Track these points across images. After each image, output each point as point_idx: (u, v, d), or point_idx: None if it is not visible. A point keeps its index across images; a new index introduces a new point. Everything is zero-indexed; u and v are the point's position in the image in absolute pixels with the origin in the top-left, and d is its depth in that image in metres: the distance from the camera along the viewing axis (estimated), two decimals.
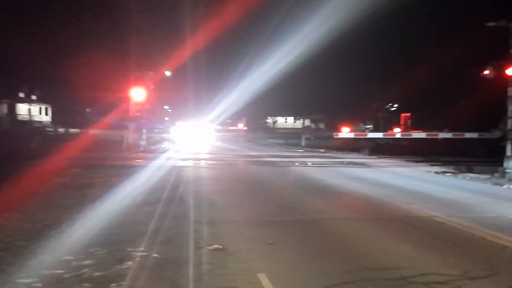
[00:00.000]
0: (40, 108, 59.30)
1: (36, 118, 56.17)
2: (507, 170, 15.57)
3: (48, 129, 47.08)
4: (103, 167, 16.35)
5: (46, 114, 60.48)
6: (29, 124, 48.18)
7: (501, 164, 15.96)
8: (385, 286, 4.85)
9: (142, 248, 6.04)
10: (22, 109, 54.29)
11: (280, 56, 40.82)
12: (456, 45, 31.23)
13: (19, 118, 51.05)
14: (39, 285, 4.73)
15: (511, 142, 16.05)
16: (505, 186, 13.50)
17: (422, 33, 40.81)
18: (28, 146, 23.07)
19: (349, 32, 41.41)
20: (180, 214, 8.31)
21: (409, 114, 44.48)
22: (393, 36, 45.10)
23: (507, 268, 5.53)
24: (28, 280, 4.84)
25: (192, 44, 34.98)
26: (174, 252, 5.93)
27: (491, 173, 16.10)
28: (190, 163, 19.55)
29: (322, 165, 19.85)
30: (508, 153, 15.95)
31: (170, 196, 10.40)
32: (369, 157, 25.53)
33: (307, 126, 70.95)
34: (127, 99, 28.34)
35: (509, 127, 16.03)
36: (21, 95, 53.72)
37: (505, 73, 15.58)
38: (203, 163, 20.00)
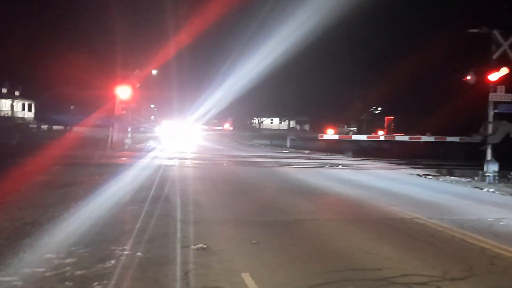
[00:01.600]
0: (23, 104, 58.32)
1: (19, 115, 55.24)
2: (487, 174, 15.88)
3: (31, 125, 46.31)
4: (87, 165, 16.18)
5: (29, 110, 59.51)
6: (12, 120, 47.31)
7: (482, 168, 16.27)
8: (367, 287, 4.93)
9: (125, 247, 6.01)
10: (4, 104, 53.33)
11: (265, 57, 40.96)
12: (439, 50, 31.74)
13: (1, 114, 50.13)
14: (20, 283, 4.68)
15: (491, 147, 16.39)
16: (485, 190, 13.77)
17: (405, 37, 41.34)
18: (9, 143, 22.68)
19: (333, 35, 41.78)
20: (165, 214, 8.29)
21: (392, 117, 45.04)
22: (377, 40, 45.59)
23: (485, 270, 5.66)
24: (8, 278, 4.78)
25: (178, 42, 34.85)
26: (158, 251, 5.92)
27: (472, 176, 16.40)
28: (175, 162, 19.46)
29: (306, 166, 19.96)
30: (488, 157, 16.26)
31: (155, 195, 10.34)
32: (353, 159, 25.75)
33: (292, 127, 71.26)
34: (112, 97, 28.09)
35: (489, 131, 16.36)
36: (4, 90, 52.78)
37: (487, 79, 15.90)
38: (188, 162, 19.93)
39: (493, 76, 15.87)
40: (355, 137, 32.61)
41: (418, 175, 17.43)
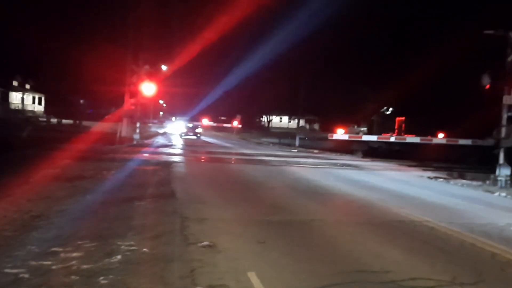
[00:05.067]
0: (34, 97, 58.86)
1: (29, 108, 55.77)
2: (499, 178, 15.66)
3: (40, 119, 46.74)
4: (95, 159, 16.25)
5: (40, 103, 60.06)
6: (22, 113, 47.76)
7: (493, 172, 16.06)
8: None
9: (131, 243, 5.99)
10: (15, 97, 53.85)
11: (276, 55, 40.92)
12: (453, 52, 31.37)
13: (12, 107, 50.63)
14: (26, 275, 4.68)
15: (504, 150, 16.16)
16: (496, 194, 13.57)
17: (418, 38, 40.95)
18: (19, 136, 22.87)
19: (345, 34, 41.57)
20: (171, 210, 8.27)
21: (403, 118, 44.61)
22: (390, 40, 45.22)
23: (495, 276, 5.55)
24: (15, 271, 4.78)
25: (188, 40, 34.92)
26: (164, 248, 5.89)
27: (483, 180, 16.20)
28: (183, 158, 19.50)
29: (315, 166, 19.86)
30: (501, 161, 16.06)
31: (162, 191, 10.34)
32: (362, 159, 25.60)
33: (302, 126, 71.09)
34: (122, 92, 28.21)
35: (502, 135, 16.14)
36: (15, 83, 53.28)
37: (501, 82, 15.67)
38: (196, 159, 19.94)
39: (507, 79, 15.62)
40: (365, 137, 32.39)
41: (428, 177, 17.26)
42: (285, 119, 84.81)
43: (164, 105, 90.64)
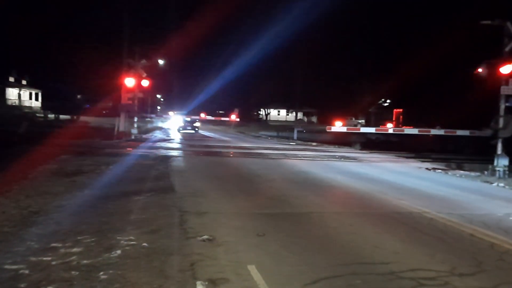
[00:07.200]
0: (30, 93, 58.65)
1: (26, 104, 55.56)
2: (497, 168, 15.71)
3: (38, 114, 46.54)
4: (93, 154, 16.22)
5: (36, 99, 59.84)
6: (19, 109, 47.56)
7: (491, 162, 16.10)
8: (374, 281, 4.86)
9: (131, 237, 5.99)
10: (11, 93, 53.63)
11: (272, 47, 40.77)
12: (450, 43, 31.29)
13: (9, 103, 50.42)
14: (26, 271, 4.67)
15: (502, 141, 16.19)
16: (495, 184, 13.60)
17: (415, 29, 40.80)
18: (17, 132, 22.79)
19: (341, 27, 41.41)
20: (170, 204, 8.27)
21: (401, 110, 44.65)
22: (386, 32, 45.08)
23: (494, 266, 5.57)
24: (15, 267, 4.78)
25: (185, 34, 34.76)
26: (164, 242, 5.89)
27: (481, 170, 16.23)
28: (181, 153, 19.47)
29: (313, 158, 19.86)
30: (499, 151, 16.09)
31: (161, 185, 10.33)
32: (361, 151, 25.60)
33: (300, 119, 71.05)
34: (119, 87, 28.07)
35: (500, 125, 16.15)
36: (11, 79, 53.03)
37: (499, 72, 15.65)
38: (194, 153, 19.92)
39: (505, 69, 15.62)
40: (363, 129, 32.37)
41: (427, 168, 17.27)
42: (283, 112, 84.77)
43: (162, 99, 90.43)
